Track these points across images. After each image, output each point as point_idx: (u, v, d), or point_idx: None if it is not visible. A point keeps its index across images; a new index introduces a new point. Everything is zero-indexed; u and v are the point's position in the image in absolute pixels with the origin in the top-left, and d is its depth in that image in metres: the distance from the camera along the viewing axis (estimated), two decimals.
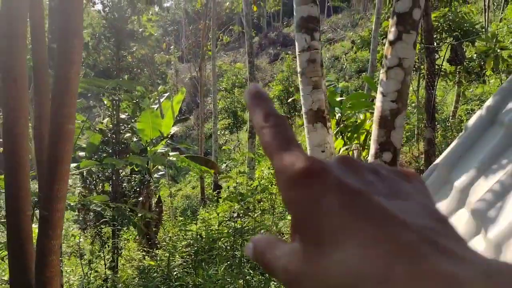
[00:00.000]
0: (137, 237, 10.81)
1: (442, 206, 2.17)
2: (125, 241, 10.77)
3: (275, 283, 4.85)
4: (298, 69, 3.14)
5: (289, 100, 20.88)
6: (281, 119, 0.30)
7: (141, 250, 9.58)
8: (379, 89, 2.91)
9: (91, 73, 9.82)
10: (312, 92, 2.97)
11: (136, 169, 10.19)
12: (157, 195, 12.21)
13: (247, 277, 4.36)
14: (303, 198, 0.25)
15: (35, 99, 2.06)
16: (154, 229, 10.44)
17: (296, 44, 3.09)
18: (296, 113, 21.66)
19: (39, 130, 1.99)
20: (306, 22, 2.95)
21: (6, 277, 8.72)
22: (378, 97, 2.91)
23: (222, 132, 24.34)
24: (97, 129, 8.75)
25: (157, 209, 11.19)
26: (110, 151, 9.09)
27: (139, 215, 8.96)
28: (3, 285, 8.27)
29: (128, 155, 10.61)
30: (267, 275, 4.40)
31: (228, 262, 5.59)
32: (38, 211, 2.00)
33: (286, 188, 0.26)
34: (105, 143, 9.16)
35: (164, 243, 9.11)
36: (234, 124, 25.85)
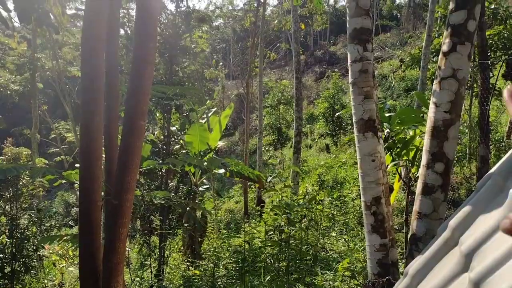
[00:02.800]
0: (182, 248, 11.03)
1: (497, 214, 2.16)
2: (171, 251, 10.99)
3: None
4: (350, 80, 3.20)
5: (335, 116, 20.77)
6: None
7: (186, 260, 9.75)
8: (432, 99, 2.91)
9: None
10: (363, 102, 3.02)
11: (183, 180, 10.47)
12: (203, 207, 12.44)
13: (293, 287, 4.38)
14: None
15: (106, 100, 2.25)
16: (198, 240, 10.62)
17: (348, 55, 3.16)
18: (341, 131, 21.48)
19: (108, 129, 2.17)
20: (359, 33, 3.02)
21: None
22: (431, 108, 2.92)
23: (267, 148, 24.47)
24: (149, 140, 9.11)
25: (202, 220, 11.39)
26: (160, 161, 9.40)
27: (185, 225, 9.15)
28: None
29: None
30: (312, 287, 4.41)
31: (273, 274, 5.62)
32: (102, 202, 2.15)
33: None
34: (155, 154, 9.50)
35: (209, 254, 9.24)
36: (279, 140, 25.94)
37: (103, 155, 2.35)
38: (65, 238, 4.09)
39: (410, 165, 6.53)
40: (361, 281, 3.73)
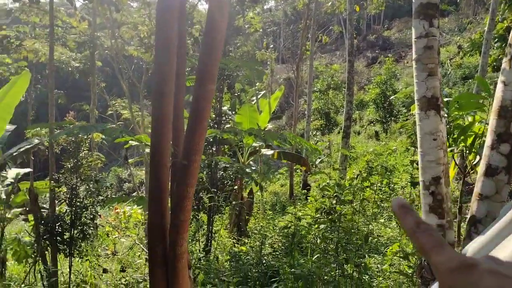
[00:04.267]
0: (228, 226, 11.30)
1: None
2: (218, 228, 11.27)
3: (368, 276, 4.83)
4: (414, 56, 3.13)
5: (387, 102, 20.25)
6: (429, 226, 0.43)
7: (232, 238, 9.98)
8: (500, 78, 2.81)
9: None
10: (427, 79, 2.95)
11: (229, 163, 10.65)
12: (249, 188, 12.63)
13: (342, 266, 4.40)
14: (464, 283, 0.36)
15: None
16: (245, 218, 10.83)
17: (413, 30, 3.09)
18: (392, 118, 20.94)
19: (176, 96, 2.26)
20: (425, 8, 2.94)
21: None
22: (499, 87, 2.81)
23: (314, 133, 24.31)
24: None
25: (248, 201, 11.58)
26: (211, 140, 9.60)
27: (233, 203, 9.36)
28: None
29: (227, 146, 11.14)
30: (361, 267, 4.41)
31: (320, 254, 5.65)
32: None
33: (447, 277, 0.37)
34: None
35: (255, 232, 9.42)
36: (326, 125, 25.69)
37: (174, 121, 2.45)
38: (133, 199, 4.32)
39: (467, 152, 6.32)
40: (413, 263, 3.69)
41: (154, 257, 2.08)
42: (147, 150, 13.26)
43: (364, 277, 4.36)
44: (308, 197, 12.49)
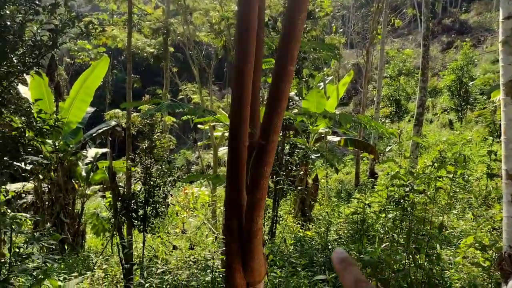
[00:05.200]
0: (292, 211, 11.37)
1: None
2: (283, 213, 11.37)
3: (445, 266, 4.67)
4: (500, 38, 2.94)
5: (463, 89, 19.13)
6: (369, 284, 0.43)
7: (296, 223, 10.04)
8: None
9: (266, 52, 10.47)
10: None
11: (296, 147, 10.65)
12: (314, 174, 12.58)
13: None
14: None
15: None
16: (310, 204, 10.84)
17: (500, 11, 2.89)
18: (468, 106, 19.75)
19: (254, 81, 2.31)
20: None
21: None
22: None
23: (383, 120, 23.58)
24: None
25: (313, 187, 11.56)
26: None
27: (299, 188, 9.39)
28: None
29: (293, 132, 11.14)
30: (433, 258, 4.28)
31: (388, 242, 5.54)
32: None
33: None
34: None
35: (319, 219, 9.41)
36: (396, 113, 24.79)
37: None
38: (209, 177, 4.50)
39: None
40: (490, 255, 3.51)
41: (230, 232, 2.16)
42: (216, 133, 13.63)
43: (436, 268, 4.22)
44: (375, 186, 12.21)
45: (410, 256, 4.25)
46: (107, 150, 16.27)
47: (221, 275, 5.63)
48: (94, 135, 13.19)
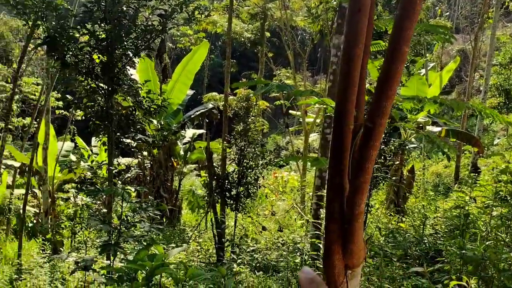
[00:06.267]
0: (385, 202, 11.02)
1: None
2: (374, 203, 11.09)
3: None
4: None
5: None
6: None
7: (389, 214, 9.74)
8: None
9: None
10: None
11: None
12: (410, 165, 12.03)
13: None
14: None
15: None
16: (404, 195, 10.43)
17: None
18: None
19: (361, 63, 2.27)
20: None
21: None
22: None
23: None
24: (367, 90, 9.12)
25: (409, 178, 11.08)
26: None
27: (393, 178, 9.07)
28: None
29: (388, 119, 10.73)
30: None
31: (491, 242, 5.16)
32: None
33: None
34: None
35: (415, 211, 9.02)
36: (505, 104, 22.65)
37: None
38: (309, 159, 4.57)
39: None
40: None
41: (331, 212, 2.18)
42: (308, 119, 13.61)
43: None
44: (477, 181, 11.35)
45: None
46: (203, 131, 17.09)
47: (310, 258, 5.68)
48: (192, 116, 13.91)
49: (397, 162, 10.39)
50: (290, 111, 17.32)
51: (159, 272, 3.51)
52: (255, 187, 9.56)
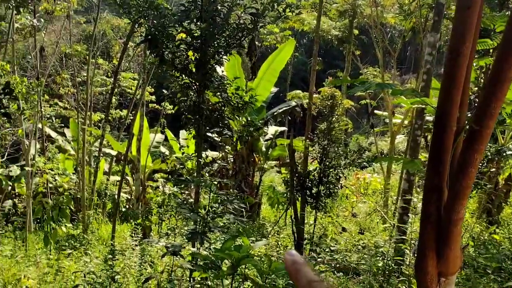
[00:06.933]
0: (476, 210, 10.30)
1: None
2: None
3: None
4: None
5: None
6: (322, 284, 0.47)
7: (480, 224, 9.10)
8: None
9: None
10: None
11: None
12: (507, 173, 11.12)
13: None
14: None
15: None
16: (500, 204, 9.68)
17: None
18: None
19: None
20: None
21: None
22: None
23: None
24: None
25: (506, 187, 10.25)
26: None
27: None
28: None
29: None
30: None
31: None
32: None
33: None
34: None
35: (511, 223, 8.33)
36: None
37: None
38: (403, 161, 4.46)
39: None
40: None
41: (427, 215, 2.11)
42: (395, 120, 13.10)
43: None
44: None
45: None
46: (285, 128, 17.18)
47: (394, 263, 5.50)
48: (275, 113, 14.06)
49: (493, 169, 9.67)
50: (376, 111, 16.81)
51: (244, 262, 3.63)
52: (336, 187, 9.44)
